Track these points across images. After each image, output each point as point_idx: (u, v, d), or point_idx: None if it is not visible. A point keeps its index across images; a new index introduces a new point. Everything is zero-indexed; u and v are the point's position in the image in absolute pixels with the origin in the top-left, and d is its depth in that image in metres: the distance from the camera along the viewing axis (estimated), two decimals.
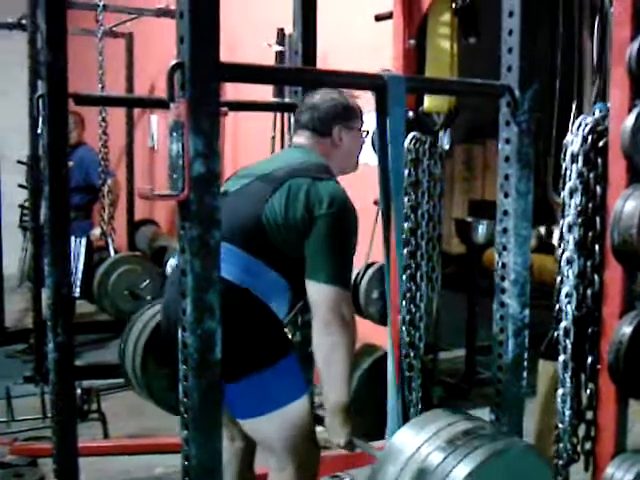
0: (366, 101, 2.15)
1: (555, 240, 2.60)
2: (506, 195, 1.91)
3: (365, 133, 2.52)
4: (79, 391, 3.97)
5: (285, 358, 2.29)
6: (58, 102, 2.27)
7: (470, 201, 7.98)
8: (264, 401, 2.27)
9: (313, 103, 2.42)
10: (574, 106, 2.84)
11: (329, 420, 2.29)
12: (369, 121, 2.29)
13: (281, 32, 4.52)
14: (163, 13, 5.60)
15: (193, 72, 1.38)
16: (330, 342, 2.20)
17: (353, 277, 3.49)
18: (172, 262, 5.36)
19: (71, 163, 2.24)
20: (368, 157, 4.19)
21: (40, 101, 2.29)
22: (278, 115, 4.78)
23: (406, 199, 3.16)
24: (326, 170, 2.37)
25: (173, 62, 1.40)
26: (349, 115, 2.45)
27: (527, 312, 1.97)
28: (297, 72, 1.90)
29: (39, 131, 2.36)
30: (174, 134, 1.41)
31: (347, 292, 2.24)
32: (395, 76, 1.69)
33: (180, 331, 1.50)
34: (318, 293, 2.20)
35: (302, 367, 2.40)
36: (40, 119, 2.31)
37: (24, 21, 5.66)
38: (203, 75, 1.39)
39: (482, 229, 4.74)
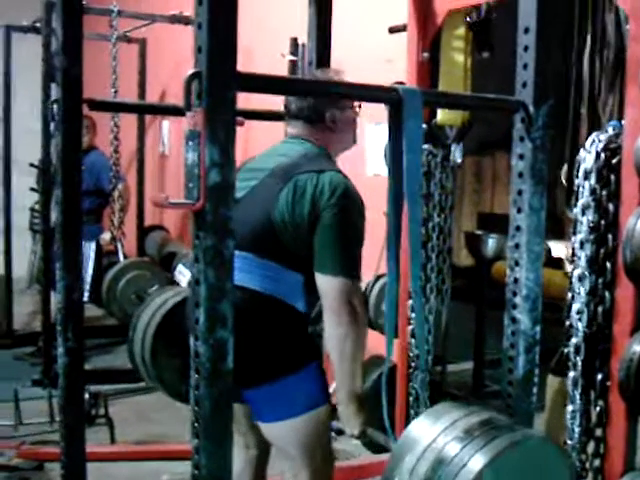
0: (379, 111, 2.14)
1: (563, 255, 2.60)
2: (519, 210, 1.90)
3: (357, 108, 2.50)
4: (87, 396, 3.97)
5: (309, 365, 2.32)
6: (72, 108, 2.27)
7: (479, 213, 7.97)
8: (286, 407, 2.30)
9: None
10: (586, 122, 2.84)
11: (342, 410, 2.31)
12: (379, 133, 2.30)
13: (294, 42, 4.53)
14: (177, 20, 5.61)
15: (210, 82, 1.39)
16: (341, 333, 2.21)
17: (362, 289, 3.49)
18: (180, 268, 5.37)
19: (82, 167, 2.25)
20: (379, 168, 4.21)
21: (54, 106, 2.30)
22: None
23: None
24: (327, 159, 2.37)
25: (191, 71, 1.40)
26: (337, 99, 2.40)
27: (538, 328, 1.96)
28: (314, 84, 1.90)
29: (52, 136, 2.36)
30: (190, 143, 1.41)
31: (356, 282, 2.24)
32: (411, 89, 1.69)
33: (192, 340, 1.51)
34: (327, 285, 2.21)
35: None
36: (54, 124, 2.32)
37: (38, 24, 5.70)
38: (220, 85, 1.40)
39: (492, 243, 4.73)
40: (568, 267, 2.58)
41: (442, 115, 3.13)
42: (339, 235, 2.21)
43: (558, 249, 5.43)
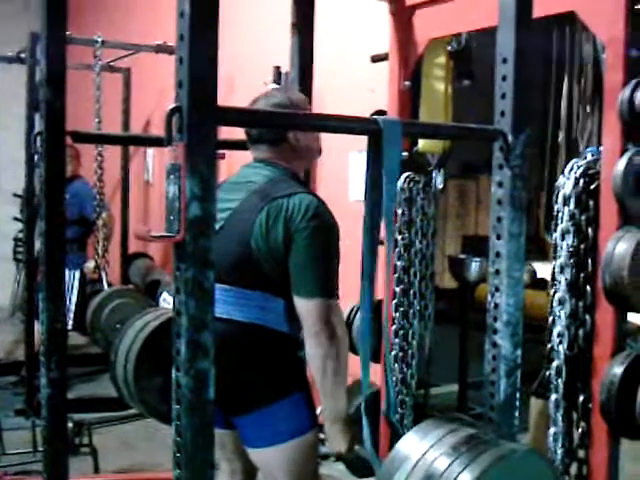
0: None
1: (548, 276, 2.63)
2: (498, 237, 1.92)
3: None
4: (70, 425, 3.96)
5: (297, 391, 2.34)
6: (56, 140, 2.30)
7: (463, 236, 8.01)
8: (274, 432, 2.32)
9: None
10: (564, 148, 2.89)
11: (328, 429, 2.33)
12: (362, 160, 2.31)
13: (277, 70, 4.57)
14: (162, 50, 5.64)
15: (191, 116, 1.40)
16: (321, 353, 2.23)
17: (346, 315, 3.50)
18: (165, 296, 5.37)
19: (66, 196, 2.28)
20: (361, 194, 4.24)
21: (38, 138, 2.32)
22: None
23: (400, 237, 3.18)
24: (295, 181, 2.40)
25: (171, 106, 1.42)
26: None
27: (519, 352, 1.97)
28: (293, 117, 1.92)
29: (36, 167, 2.38)
30: (171, 176, 1.42)
31: (333, 301, 2.25)
32: (391, 121, 1.71)
33: (174, 371, 1.51)
34: (305, 308, 2.23)
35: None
36: (37, 156, 2.34)
37: (23, 55, 5.72)
38: (201, 119, 1.41)
39: (475, 266, 4.76)
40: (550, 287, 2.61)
41: (423, 143, 3.16)
42: (313, 256, 2.24)
43: (543, 270, 5.47)
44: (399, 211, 3.17)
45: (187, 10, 1.42)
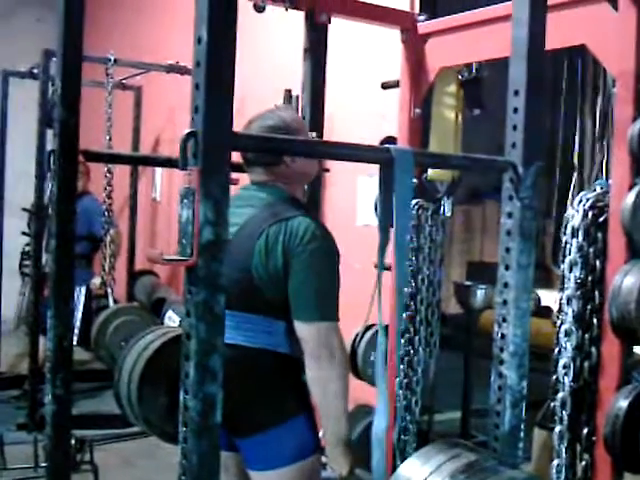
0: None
1: (553, 303, 2.63)
2: (507, 268, 1.93)
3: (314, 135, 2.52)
4: (72, 441, 3.95)
5: (300, 414, 2.35)
6: (69, 158, 2.31)
7: (468, 262, 8.01)
8: (277, 455, 2.33)
9: None
10: (574, 179, 2.89)
11: (330, 451, 2.32)
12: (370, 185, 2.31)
13: (288, 93, 4.59)
14: (173, 69, 5.68)
15: (206, 142, 1.41)
16: (322, 376, 2.24)
17: (352, 338, 3.50)
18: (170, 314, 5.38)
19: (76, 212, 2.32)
20: (369, 218, 4.25)
21: (51, 156, 2.34)
22: None
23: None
24: (293, 203, 2.39)
25: (187, 131, 1.44)
26: (290, 133, 2.40)
27: (525, 384, 1.97)
28: (308, 144, 1.94)
29: (48, 184, 2.40)
30: (185, 201, 1.44)
31: (333, 323, 2.26)
32: (403, 150, 1.72)
33: (182, 394, 1.52)
34: (304, 331, 2.25)
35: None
36: (50, 174, 2.35)
37: (36, 70, 5.76)
38: (216, 145, 1.43)
39: (481, 294, 4.75)
40: (556, 318, 2.61)
41: (433, 171, 3.18)
42: (311, 279, 2.25)
43: (547, 298, 5.47)
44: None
45: (204, 37, 1.43)
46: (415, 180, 3.16)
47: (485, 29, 2.89)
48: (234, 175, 1.96)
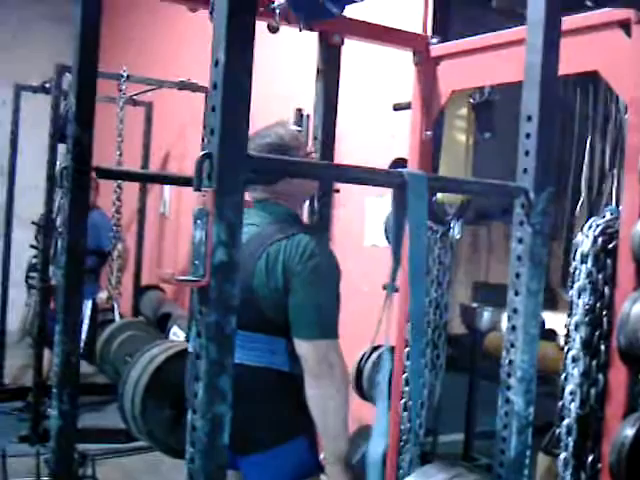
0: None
1: (558, 326, 2.62)
2: (516, 293, 1.93)
3: (313, 151, 2.52)
4: (75, 455, 3.94)
5: (302, 434, 2.35)
6: (81, 175, 2.33)
7: (474, 283, 7.98)
8: (278, 475, 2.33)
9: None
10: (584, 204, 2.89)
11: (329, 470, 2.33)
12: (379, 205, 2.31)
13: (299, 112, 4.61)
14: (185, 86, 5.71)
15: (221, 164, 1.42)
16: (321, 394, 2.25)
17: (357, 359, 3.50)
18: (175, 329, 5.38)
19: None
20: (378, 239, 4.26)
21: (64, 172, 2.35)
22: None
23: None
24: (293, 220, 2.41)
25: (202, 152, 1.44)
26: (289, 150, 2.43)
27: (532, 410, 1.97)
28: (323, 167, 1.95)
29: (60, 201, 2.42)
30: (198, 222, 1.44)
31: (333, 340, 2.27)
32: (417, 175, 1.73)
33: (190, 413, 1.52)
34: (304, 349, 2.26)
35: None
36: (62, 190, 2.37)
37: (48, 84, 5.80)
38: (231, 167, 1.43)
39: (487, 316, 4.74)
40: (561, 340, 2.60)
41: (442, 194, 3.18)
42: (310, 297, 2.26)
43: (553, 320, 5.44)
44: None
45: (222, 59, 1.44)
46: None
47: (497, 53, 2.89)
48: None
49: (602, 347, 2.47)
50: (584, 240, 2.49)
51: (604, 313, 2.47)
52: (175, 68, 6.56)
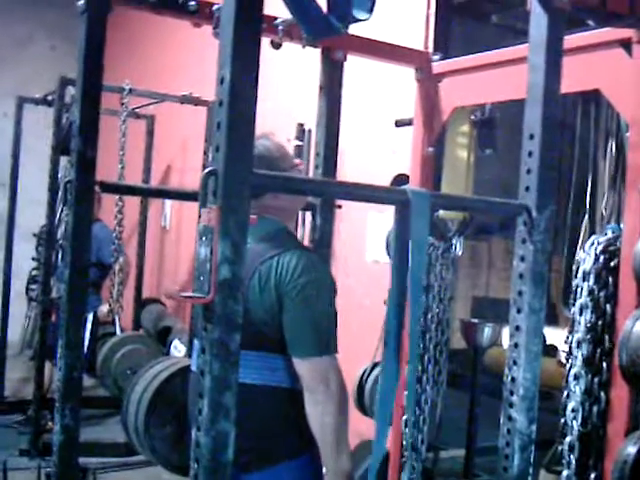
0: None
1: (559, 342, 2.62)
2: (519, 311, 1.93)
3: (299, 162, 2.51)
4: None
5: (303, 455, 2.34)
6: (85, 189, 2.34)
7: (474, 297, 7.98)
8: None
9: None
10: (586, 221, 2.90)
11: None
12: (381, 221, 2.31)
13: (301, 127, 4.62)
14: (187, 100, 5.73)
15: (226, 181, 1.43)
16: (320, 411, 2.24)
17: (359, 375, 3.50)
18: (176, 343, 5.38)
19: None
20: (379, 254, 4.26)
21: (68, 186, 2.36)
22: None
23: None
24: (285, 235, 2.40)
25: (208, 169, 1.45)
26: (277, 164, 2.41)
27: (534, 427, 1.97)
28: (327, 184, 1.97)
29: (63, 215, 2.43)
30: (203, 238, 1.45)
31: (330, 357, 2.26)
32: (420, 193, 1.74)
33: (194, 430, 1.52)
34: (301, 367, 2.25)
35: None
36: (66, 205, 2.38)
37: (50, 97, 5.82)
38: (236, 184, 1.44)
39: (488, 332, 4.73)
40: (562, 356, 2.60)
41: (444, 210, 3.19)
42: (304, 314, 2.25)
43: (552, 336, 5.44)
44: None
45: (227, 77, 1.45)
46: None
47: (499, 70, 2.91)
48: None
49: (604, 365, 2.47)
50: (586, 258, 2.50)
51: (606, 331, 2.47)
52: (177, 82, 6.59)
